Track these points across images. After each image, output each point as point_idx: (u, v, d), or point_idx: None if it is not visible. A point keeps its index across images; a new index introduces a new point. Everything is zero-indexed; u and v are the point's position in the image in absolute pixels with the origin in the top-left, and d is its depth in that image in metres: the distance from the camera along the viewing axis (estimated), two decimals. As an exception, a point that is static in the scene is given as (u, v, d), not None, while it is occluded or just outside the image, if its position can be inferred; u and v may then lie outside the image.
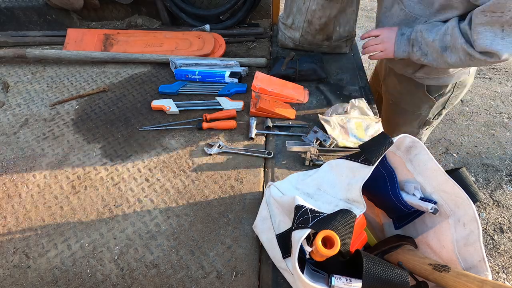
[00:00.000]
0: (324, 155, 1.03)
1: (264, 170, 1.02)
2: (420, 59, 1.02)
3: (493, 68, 3.12)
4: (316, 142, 1.01)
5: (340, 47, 1.46)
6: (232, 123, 1.13)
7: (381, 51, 1.08)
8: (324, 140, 1.02)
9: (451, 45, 0.92)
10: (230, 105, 1.20)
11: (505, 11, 0.78)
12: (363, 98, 1.16)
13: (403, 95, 1.30)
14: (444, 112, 1.32)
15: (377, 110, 1.19)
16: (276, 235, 0.71)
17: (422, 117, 1.32)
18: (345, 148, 1.03)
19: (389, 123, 1.43)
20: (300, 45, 1.46)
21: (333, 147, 1.03)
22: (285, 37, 1.47)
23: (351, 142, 1.03)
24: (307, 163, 1.00)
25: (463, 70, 1.15)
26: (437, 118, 1.35)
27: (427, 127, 1.38)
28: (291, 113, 1.18)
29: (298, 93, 1.23)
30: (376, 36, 1.07)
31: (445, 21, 0.95)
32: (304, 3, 1.30)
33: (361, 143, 0.90)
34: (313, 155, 0.98)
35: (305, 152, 0.99)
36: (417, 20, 1.00)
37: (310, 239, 0.58)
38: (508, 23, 0.81)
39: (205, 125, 1.13)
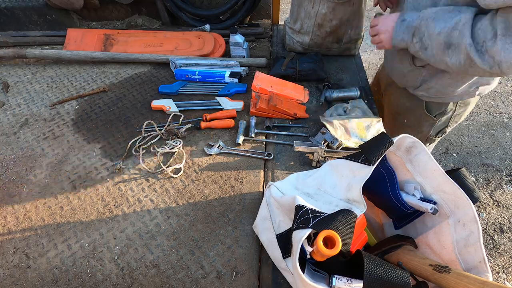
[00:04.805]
0: (332, 157, 1.02)
1: (264, 170, 1.02)
2: (418, 53, 0.90)
3: (493, 68, 3.12)
4: (324, 144, 1.01)
5: (349, 49, 1.45)
6: (230, 122, 1.13)
7: (378, 43, 0.98)
8: (331, 142, 1.02)
9: (456, 43, 0.79)
10: (230, 105, 1.20)
11: None
12: (363, 98, 1.16)
13: (404, 111, 1.22)
14: (448, 130, 1.23)
15: (377, 110, 1.19)
16: (276, 235, 0.71)
17: (423, 134, 1.24)
18: (350, 149, 1.02)
19: (391, 136, 1.38)
20: (309, 49, 1.44)
21: (340, 149, 1.02)
22: (293, 42, 1.45)
23: (353, 143, 1.03)
24: (313, 164, 1.00)
25: (466, 90, 1.03)
26: (440, 136, 1.26)
27: (429, 143, 1.30)
28: (301, 110, 1.18)
29: (298, 93, 1.23)
30: (374, 26, 0.98)
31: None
32: (313, 8, 1.28)
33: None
34: (320, 157, 0.98)
35: (312, 153, 0.99)
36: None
37: (310, 239, 0.58)
38: None
39: (203, 124, 1.13)
